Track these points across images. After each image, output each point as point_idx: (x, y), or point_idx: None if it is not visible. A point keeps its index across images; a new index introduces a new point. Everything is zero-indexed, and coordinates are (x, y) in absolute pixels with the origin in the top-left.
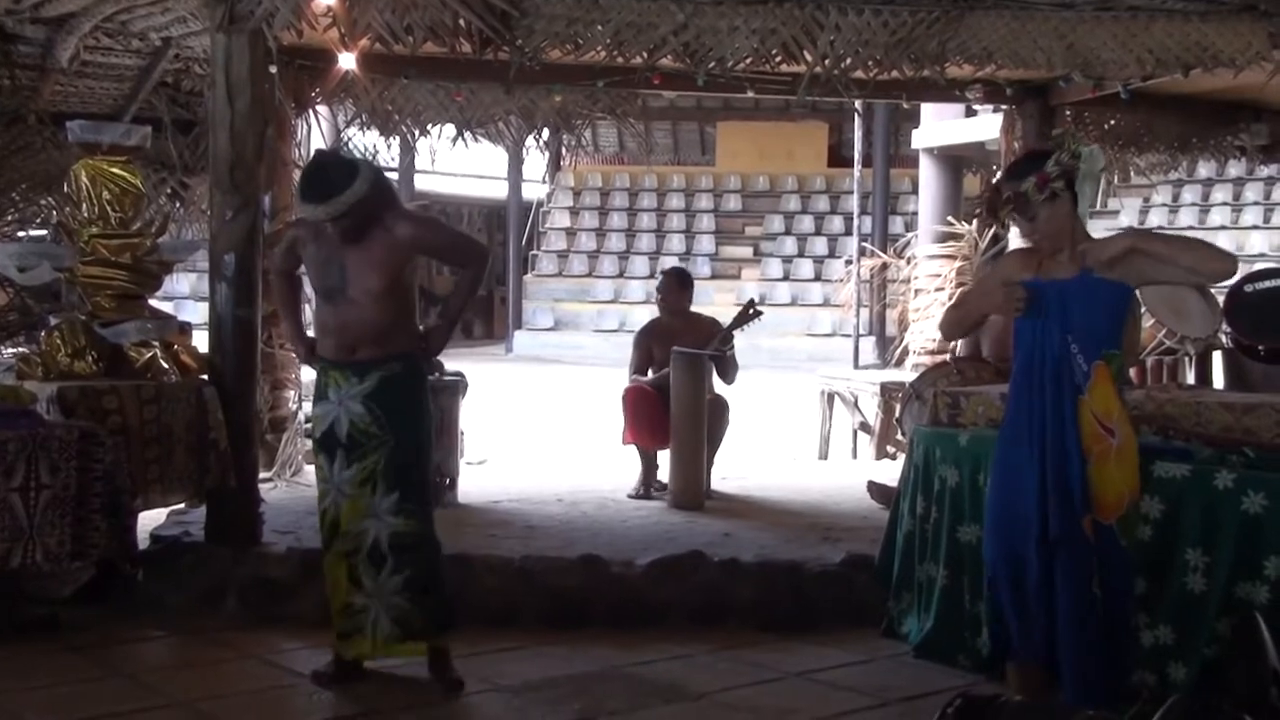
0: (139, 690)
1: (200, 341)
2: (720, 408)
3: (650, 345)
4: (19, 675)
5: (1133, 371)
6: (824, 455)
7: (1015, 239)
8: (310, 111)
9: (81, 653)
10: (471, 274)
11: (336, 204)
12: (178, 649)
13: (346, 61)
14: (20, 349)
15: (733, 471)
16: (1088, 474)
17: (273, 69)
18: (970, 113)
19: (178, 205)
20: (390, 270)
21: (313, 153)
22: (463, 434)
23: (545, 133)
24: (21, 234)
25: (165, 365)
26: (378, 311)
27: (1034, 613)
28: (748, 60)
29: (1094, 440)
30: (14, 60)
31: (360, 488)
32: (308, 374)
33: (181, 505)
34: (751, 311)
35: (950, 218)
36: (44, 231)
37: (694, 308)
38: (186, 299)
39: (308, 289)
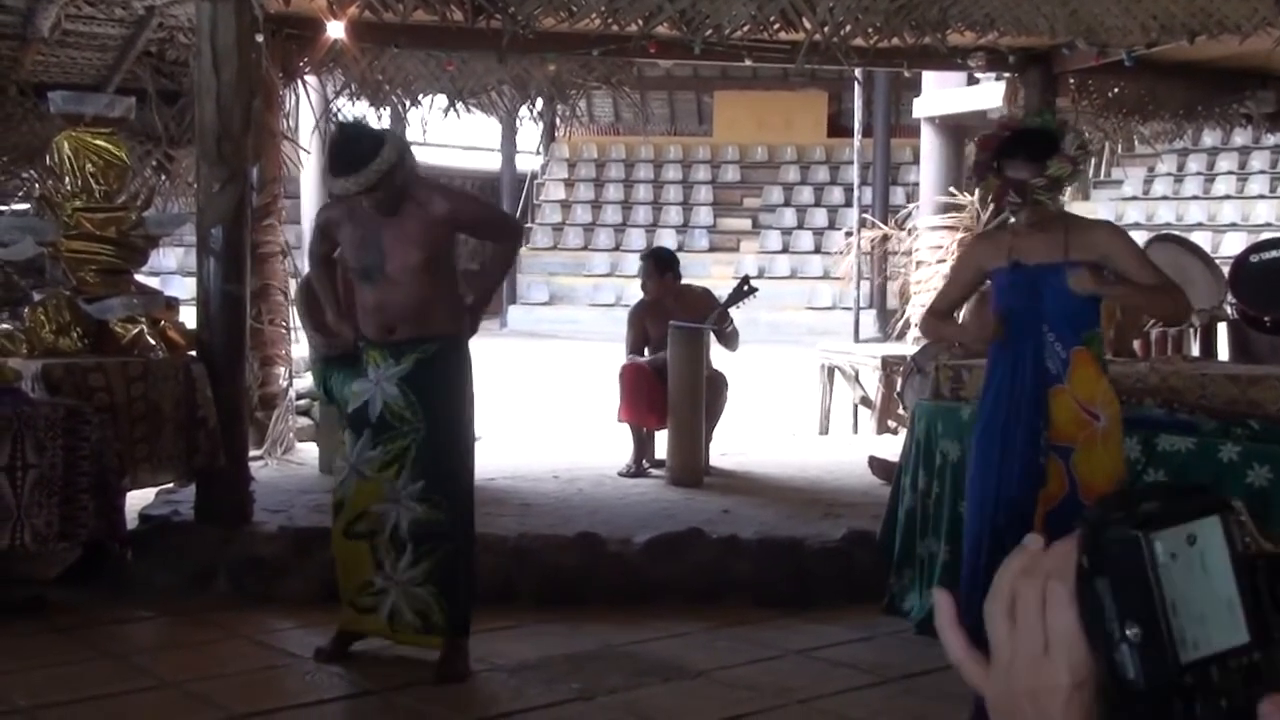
0: (128, 671)
1: (188, 317)
2: (719, 383)
3: (645, 323)
4: (6, 657)
5: (1137, 344)
6: (824, 430)
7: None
8: (298, 81)
9: (69, 634)
10: (507, 249)
11: (368, 173)
12: (167, 630)
13: (335, 30)
14: (3, 325)
15: (732, 447)
16: (1074, 461)
17: (259, 38)
18: (972, 81)
19: (163, 178)
20: (428, 246)
21: (335, 126)
22: None
23: (539, 103)
24: (3, 208)
25: (152, 342)
26: (416, 289)
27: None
28: (745, 28)
29: (1078, 427)
30: None
31: (382, 471)
32: (298, 351)
33: (170, 484)
34: (746, 289)
35: (952, 188)
36: (26, 205)
37: (691, 280)
38: (173, 274)
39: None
